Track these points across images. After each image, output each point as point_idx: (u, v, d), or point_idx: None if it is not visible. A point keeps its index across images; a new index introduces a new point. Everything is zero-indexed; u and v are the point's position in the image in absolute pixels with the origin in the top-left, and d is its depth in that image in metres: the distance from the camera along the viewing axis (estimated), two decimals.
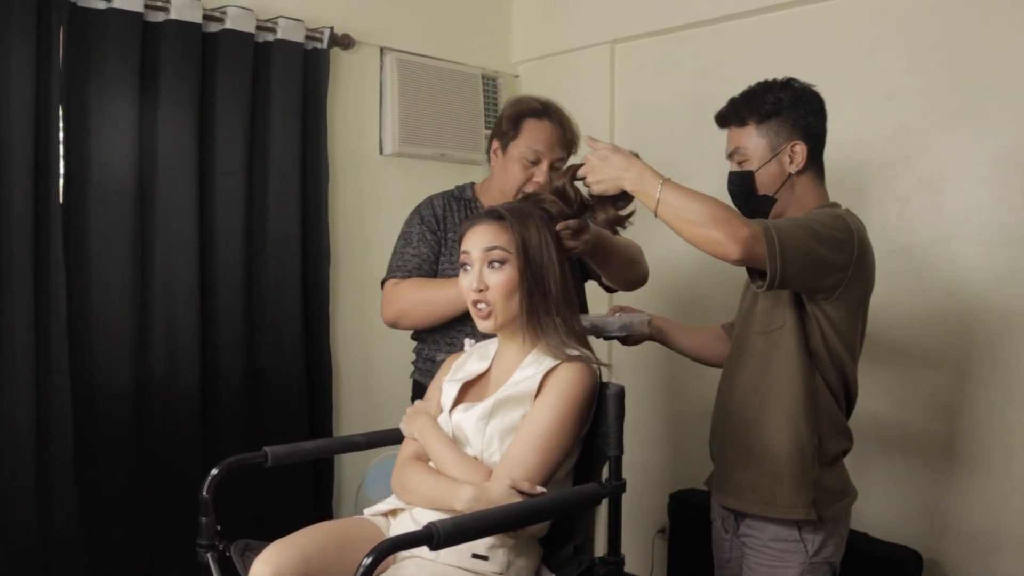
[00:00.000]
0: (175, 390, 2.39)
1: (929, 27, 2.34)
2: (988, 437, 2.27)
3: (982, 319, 2.27)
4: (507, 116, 2.05)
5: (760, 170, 1.75)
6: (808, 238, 1.60)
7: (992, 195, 2.26)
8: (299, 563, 1.40)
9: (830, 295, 1.67)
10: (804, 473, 1.69)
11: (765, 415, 1.73)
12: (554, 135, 2.02)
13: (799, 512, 1.69)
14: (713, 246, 1.57)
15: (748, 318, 1.81)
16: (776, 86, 1.77)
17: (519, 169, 2.00)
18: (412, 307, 2.02)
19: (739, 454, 1.78)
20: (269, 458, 1.71)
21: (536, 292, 1.58)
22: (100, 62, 2.24)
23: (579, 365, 1.56)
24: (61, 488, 2.18)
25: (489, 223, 1.61)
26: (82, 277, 2.26)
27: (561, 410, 1.52)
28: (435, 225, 2.07)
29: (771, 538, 1.73)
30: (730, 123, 1.80)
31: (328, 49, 2.70)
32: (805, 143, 1.74)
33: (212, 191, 2.46)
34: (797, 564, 1.71)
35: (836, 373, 1.73)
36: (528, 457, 1.49)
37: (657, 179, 1.61)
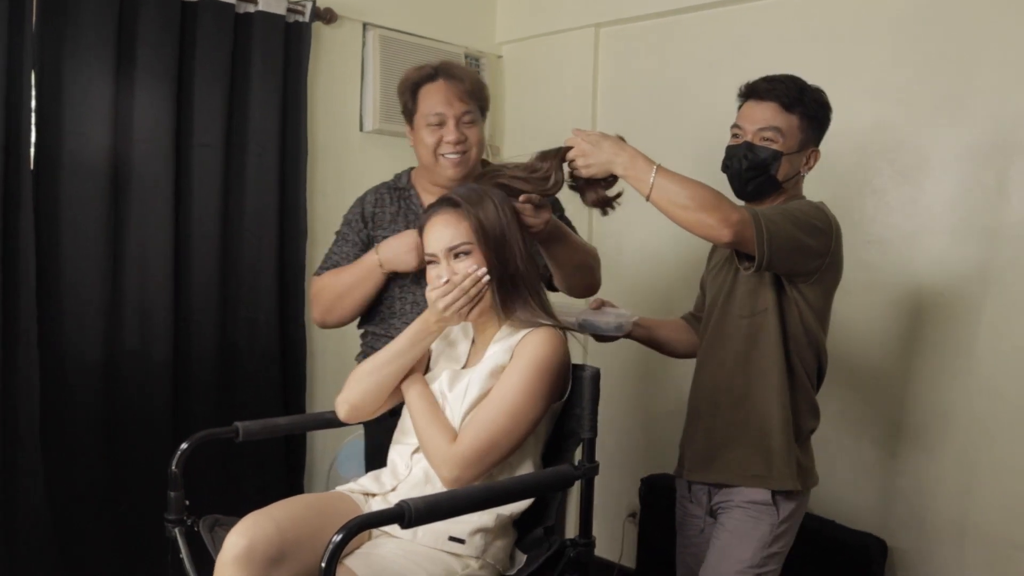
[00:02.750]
0: (147, 364, 2.37)
1: (911, 20, 2.35)
2: (957, 428, 2.30)
3: (954, 310, 2.29)
4: (403, 92, 1.99)
5: (787, 156, 1.80)
6: (792, 225, 1.68)
7: (962, 188, 2.29)
8: (274, 535, 1.40)
9: (809, 279, 1.76)
10: (790, 447, 1.79)
11: (754, 393, 1.81)
12: (450, 91, 1.94)
13: (789, 483, 1.78)
14: (706, 230, 1.64)
15: (727, 304, 1.86)
16: (816, 89, 1.84)
17: (428, 135, 1.94)
18: (334, 298, 1.98)
19: (729, 432, 1.84)
20: (240, 433, 1.71)
21: (503, 274, 1.59)
22: (75, 29, 2.19)
23: (546, 331, 1.57)
24: (27, 461, 2.15)
25: (445, 214, 1.60)
26: (53, 247, 2.22)
27: (528, 376, 1.52)
28: (361, 225, 2.02)
29: (746, 499, 1.81)
30: (774, 100, 1.80)
31: (310, 23, 2.66)
32: (819, 151, 1.86)
33: (188, 164, 2.42)
34: (768, 525, 1.80)
35: (811, 351, 1.82)
36: (495, 421, 1.50)
37: (650, 165, 1.66)
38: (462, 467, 1.48)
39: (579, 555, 1.58)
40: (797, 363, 1.80)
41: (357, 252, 1.99)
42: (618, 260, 2.99)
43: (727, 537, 1.83)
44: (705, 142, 2.27)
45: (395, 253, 1.88)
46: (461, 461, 1.48)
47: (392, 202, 2.04)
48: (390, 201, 2.04)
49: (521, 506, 1.58)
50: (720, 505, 1.87)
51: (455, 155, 1.92)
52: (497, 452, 1.50)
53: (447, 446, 1.51)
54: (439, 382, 1.64)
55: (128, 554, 2.34)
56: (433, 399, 1.60)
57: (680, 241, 2.61)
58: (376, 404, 1.66)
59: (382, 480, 1.64)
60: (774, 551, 1.82)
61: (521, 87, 3.32)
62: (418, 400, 1.60)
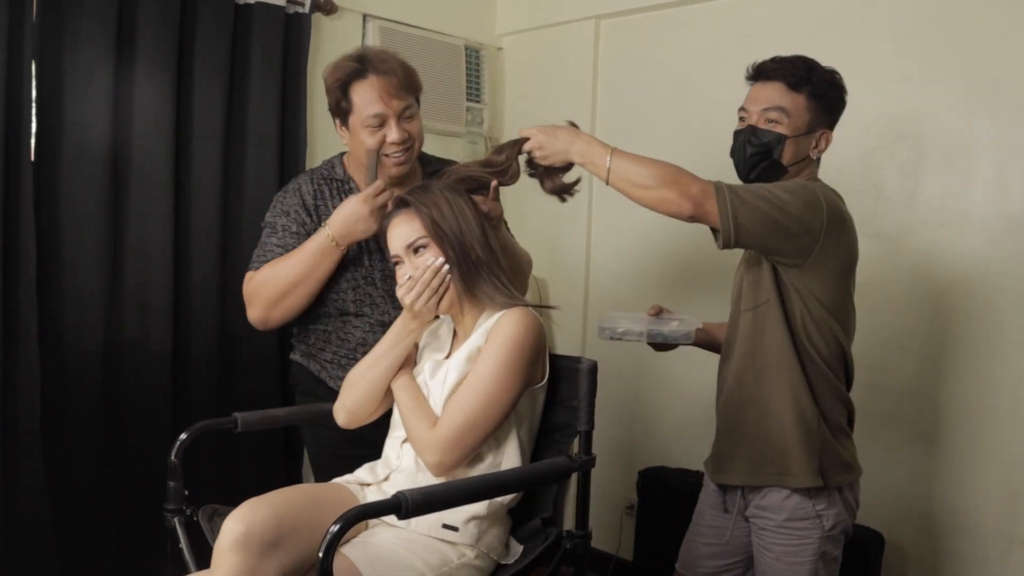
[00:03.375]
0: (146, 355, 2.37)
1: (915, 13, 2.34)
2: (954, 422, 2.31)
3: (952, 305, 2.30)
4: (332, 90, 1.87)
5: (792, 139, 1.73)
6: (764, 202, 1.61)
7: (967, 183, 2.29)
8: (271, 522, 1.41)
9: (800, 261, 1.67)
10: (810, 442, 1.71)
11: (764, 389, 1.74)
12: (386, 87, 1.84)
13: (808, 479, 1.70)
14: (666, 205, 1.62)
15: (738, 298, 1.82)
16: (829, 69, 1.76)
17: (369, 137, 1.84)
18: (282, 289, 1.85)
19: (742, 431, 1.79)
20: (239, 423, 1.72)
21: (464, 263, 1.60)
22: (75, 20, 2.19)
23: (518, 310, 1.58)
24: (27, 451, 2.16)
25: (399, 216, 1.63)
26: (53, 239, 2.22)
27: (501, 356, 1.53)
28: (305, 217, 1.92)
29: (787, 518, 1.74)
30: (780, 80, 1.74)
31: (310, 14, 2.66)
32: (831, 133, 1.78)
33: (188, 154, 2.43)
34: (815, 539, 1.73)
35: (829, 342, 1.73)
36: (471, 403, 1.51)
37: (605, 150, 1.66)
38: (443, 451, 1.50)
39: (575, 547, 1.59)
40: (812, 355, 1.72)
41: (297, 241, 1.89)
42: (616, 246, 2.99)
43: (778, 565, 1.75)
44: (706, 134, 2.27)
45: (346, 224, 1.81)
46: (442, 445, 1.50)
47: (333, 195, 1.95)
48: (331, 194, 1.95)
49: (515, 495, 1.59)
50: (758, 520, 1.78)
51: (400, 154, 1.86)
52: (476, 433, 1.51)
53: (428, 432, 1.53)
54: (423, 374, 1.65)
55: (127, 544, 2.35)
56: (416, 389, 1.62)
57: (678, 230, 2.61)
58: (371, 407, 1.68)
59: (376, 471, 1.66)
60: (830, 557, 1.76)
61: (521, 79, 3.32)
62: (402, 392, 1.62)
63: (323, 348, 1.97)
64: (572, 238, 3.12)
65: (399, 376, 1.65)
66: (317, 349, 1.98)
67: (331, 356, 1.96)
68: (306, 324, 1.98)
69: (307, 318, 1.95)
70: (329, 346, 1.96)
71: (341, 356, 1.95)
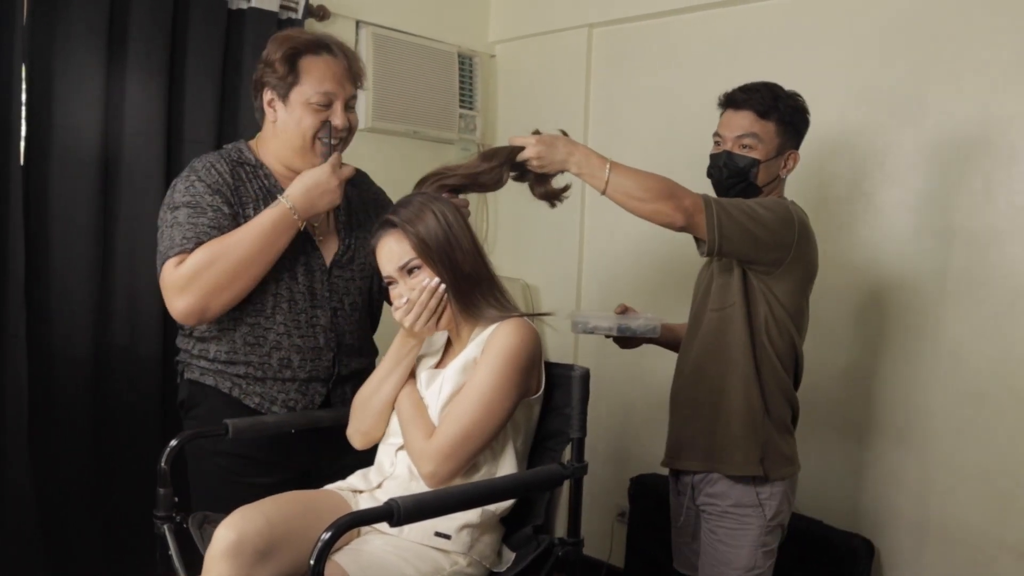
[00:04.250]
0: (136, 360, 2.35)
1: (902, 23, 2.36)
2: (940, 429, 2.32)
3: (935, 311, 2.31)
4: (279, 58, 1.71)
5: (765, 163, 1.88)
6: (745, 216, 1.76)
7: (938, 190, 2.32)
8: (263, 529, 1.40)
9: (773, 270, 1.82)
10: (756, 433, 1.85)
11: (720, 383, 1.88)
12: (343, 69, 1.75)
13: (751, 468, 1.84)
14: (660, 217, 1.74)
15: (703, 298, 1.95)
16: (792, 94, 1.91)
17: (310, 115, 1.72)
18: (230, 271, 1.64)
19: (697, 420, 1.92)
20: (230, 430, 1.70)
21: (457, 278, 1.59)
22: (66, 22, 2.18)
23: (515, 321, 1.58)
24: (15, 456, 2.14)
25: (388, 236, 1.61)
26: (42, 243, 2.20)
27: (497, 367, 1.53)
28: (230, 196, 1.72)
29: (732, 504, 1.87)
30: (750, 109, 1.88)
31: (303, 20, 2.66)
32: (798, 154, 1.93)
33: (180, 159, 2.41)
34: (756, 527, 1.86)
35: (784, 344, 1.87)
36: (467, 414, 1.51)
37: (603, 162, 1.74)
38: (437, 461, 1.49)
39: (567, 554, 1.58)
40: (768, 355, 1.85)
41: (231, 224, 1.69)
42: (608, 254, 3.00)
43: (720, 547, 1.88)
44: (697, 143, 2.26)
45: (310, 195, 1.69)
46: (436, 455, 1.49)
47: (248, 179, 1.77)
48: (246, 177, 1.78)
49: (507, 503, 1.59)
50: (706, 507, 1.92)
51: (336, 142, 1.76)
52: (471, 444, 1.51)
53: (423, 442, 1.52)
54: (419, 383, 1.65)
55: (116, 550, 2.33)
56: (418, 399, 1.61)
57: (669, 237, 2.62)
58: (384, 426, 1.67)
59: (369, 477, 1.65)
60: (768, 548, 1.88)
61: (514, 87, 3.32)
62: (404, 401, 1.62)
63: (233, 360, 1.77)
64: (565, 245, 3.12)
65: (409, 386, 1.65)
66: (225, 363, 1.77)
67: (244, 369, 1.77)
68: (203, 334, 1.78)
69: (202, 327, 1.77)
70: (238, 356, 1.77)
71: (255, 367, 1.77)
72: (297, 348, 1.80)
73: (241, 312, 1.75)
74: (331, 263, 1.85)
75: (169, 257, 1.66)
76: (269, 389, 1.80)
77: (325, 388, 1.85)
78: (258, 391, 1.79)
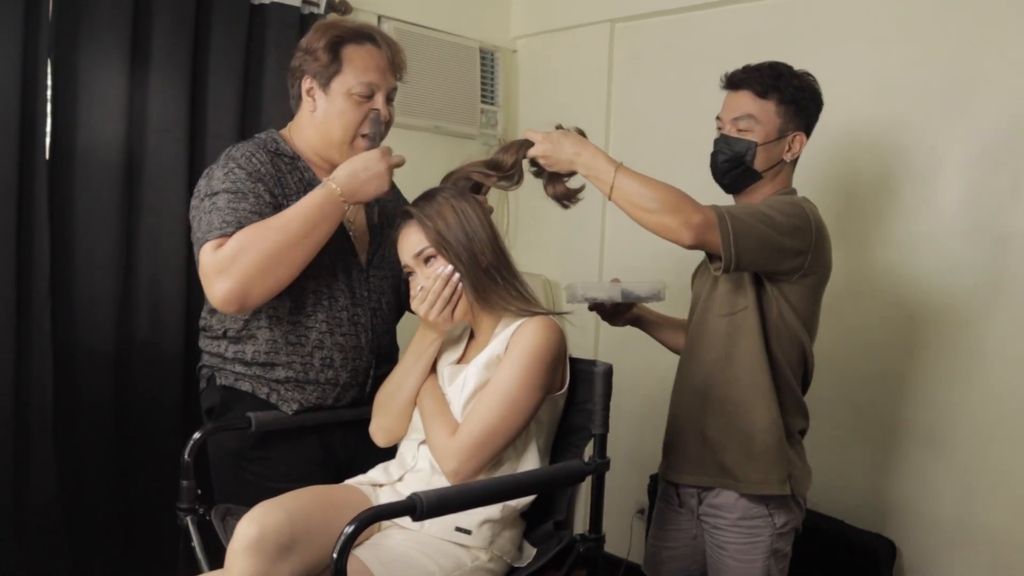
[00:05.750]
0: (159, 355, 2.37)
1: (925, 17, 2.33)
2: (963, 430, 2.29)
3: (961, 313, 2.28)
4: (322, 46, 1.66)
5: (763, 146, 1.77)
6: (762, 224, 1.65)
7: (967, 190, 2.29)
8: (285, 524, 1.40)
9: (791, 277, 1.72)
10: (780, 449, 1.75)
11: (737, 394, 1.77)
12: (384, 60, 1.70)
13: (774, 487, 1.74)
14: (666, 232, 1.62)
15: (708, 302, 1.84)
16: (799, 75, 1.80)
17: (351, 107, 1.67)
18: (273, 255, 1.54)
19: (713, 434, 1.80)
20: (253, 424, 1.70)
21: (474, 270, 1.59)
22: (91, 18, 2.19)
23: (541, 320, 1.58)
24: (39, 451, 2.17)
25: (405, 228, 1.62)
26: (67, 239, 2.22)
27: (523, 365, 1.53)
28: (272, 187, 1.65)
29: (740, 516, 1.78)
30: (748, 88, 1.78)
31: (325, 14, 2.66)
32: (806, 136, 1.80)
33: (202, 155, 2.42)
34: (767, 536, 1.77)
35: (796, 351, 1.78)
36: (492, 412, 1.50)
37: (611, 165, 1.65)
38: (460, 459, 1.49)
39: (588, 550, 1.57)
40: (782, 363, 1.76)
41: (272, 213, 1.60)
42: (629, 249, 2.98)
43: (731, 563, 1.80)
44: None
45: (357, 179, 1.61)
46: (459, 453, 1.49)
47: (287, 171, 1.71)
48: (285, 169, 1.71)
49: (528, 498, 1.59)
50: (709, 519, 1.83)
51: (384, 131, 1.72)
52: (495, 443, 1.50)
53: (447, 439, 1.52)
54: (441, 378, 1.65)
55: (140, 542, 2.36)
56: (440, 395, 1.61)
57: None
58: (407, 422, 1.67)
59: (390, 471, 1.65)
60: (781, 553, 1.81)
61: (535, 82, 3.32)
62: (426, 396, 1.63)
63: (273, 362, 1.71)
64: (585, 240, 3.11)
65: (430, 382, 1.65)
66: (264, 365, 1.71)
67: (284, 372, 1.71)
68: (239, 334, 1.72)
69: (239, 324, 1.71)
70: (279, 357, 1.70)
71: (296, 368, 1.72)
72: (340, 347, 1.75)
73: (280, 309, 1.69)
74: (367, 262, 1.83)
75: (208, 240, 1.57)
76: (308, 395, 1.75)
77: (361, 393, 1.81)
78: (296, 397, 1.74)
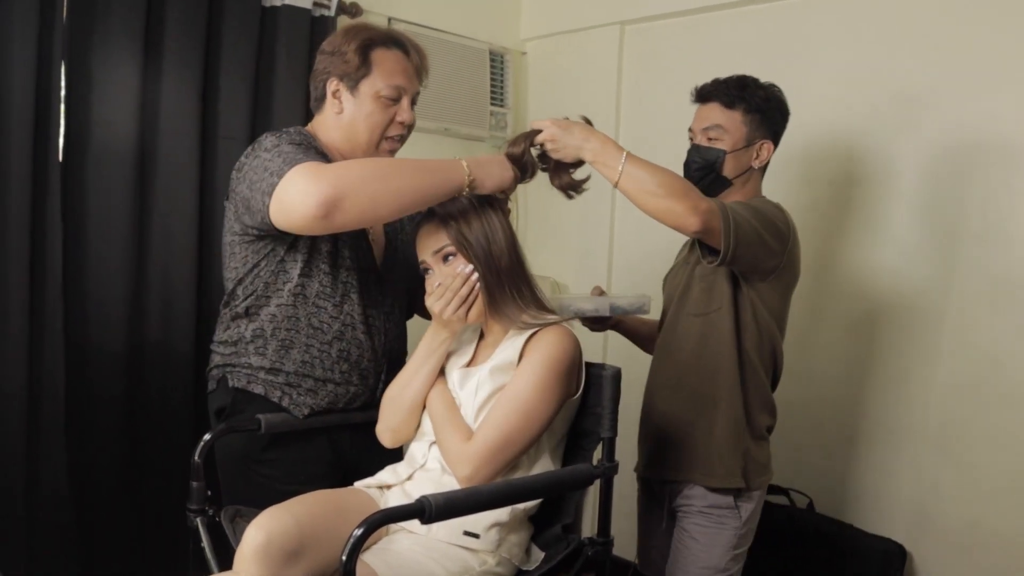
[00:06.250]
0: (170, 355, 2.38)
1: (937, 20, 2.32)
2: (975, 434, 2.28)
3: (970, 314, 2.27)
4: (352, 48, 1.68)
5: (732, 153, 1.86)
6: (756, 221, 1.72)
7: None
8: (292, 530, 1.41)
9: (766, 277, 1.81)
10: (738, 444, 1.83)
11: (705, 391, 1.85)
12: (411, 65, 1.74)
13: (732, 480, 1.83)
14: (674, 217, 1.65)
15: (681, 303, 1.91)
16: (765, 86, 1.90)
17: (379, 110, 1.70)
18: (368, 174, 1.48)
19: (680, 429, 1.89)
20: (262, 426, 1.71)
21: (491, 273, 1.59)
22: (105, 20, 2.21)
23: (559, 329, 1.58)
24: (51, 450, 2.18)
25: (427, 227, 1.63)
26: (79, 238, 2.24)
27: (540, 374, 1.53)
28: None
29: (708, 504, 1.86)
30: (716, 100, 1.88)
31: (335, 16, 2.67)
32: (773, 144, 1.90)
33: (214, 156, 2.44)
34: (732, 528, 1.86)
35: (767, 350, 1.86)
36: (508, 420, 1.50)
37: (619, 152, 1.68)
38: (475, 465, 1.49)
39: (597, 554, 1.57)
40: (754, 361, 1.83)
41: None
42: (638, 251, 2.98)
43: (693, 544, 1.88)
44: None
45: (485, 168, 1.59)
46: (475, 458, 1.49)
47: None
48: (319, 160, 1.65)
49: (536, 501, 1.59)
50: (681, 508, 1.91)
51: (399, 140, 1.76)
52: (510, 450, 1.51)
53: (461, 444, 1.52)
54: (452, 382, 1.65)
55: (150, 543, 2.37)
56: (451, 400, 1.61)
57: None
58: (414, 423, 1.67)
59: (399, 471, 1.65)
60: (738, 552, 1.88)
61: (545, 84, 3.32)
62: (435, 401, 1.62)
63: (289, 346, 1.72)
64: (594, 242, 3.11)
65: (434, 385, 1.65)
66: (280, 351, 1.72)
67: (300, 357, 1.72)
68: (259, 305, 1.72)
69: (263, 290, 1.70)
70: (298, 338, 1.71)
71: (314, 353, 1.72)
72: (358, 343, 1.77)
73: (308, 288, 1.70)
74: (382, 266, 1.84)
75: (287, 170, 1.49)
76: (320, 400, 1.76)
77: (372, 397, 1.82)
78: (308, 402, 1.75)
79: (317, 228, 1.48)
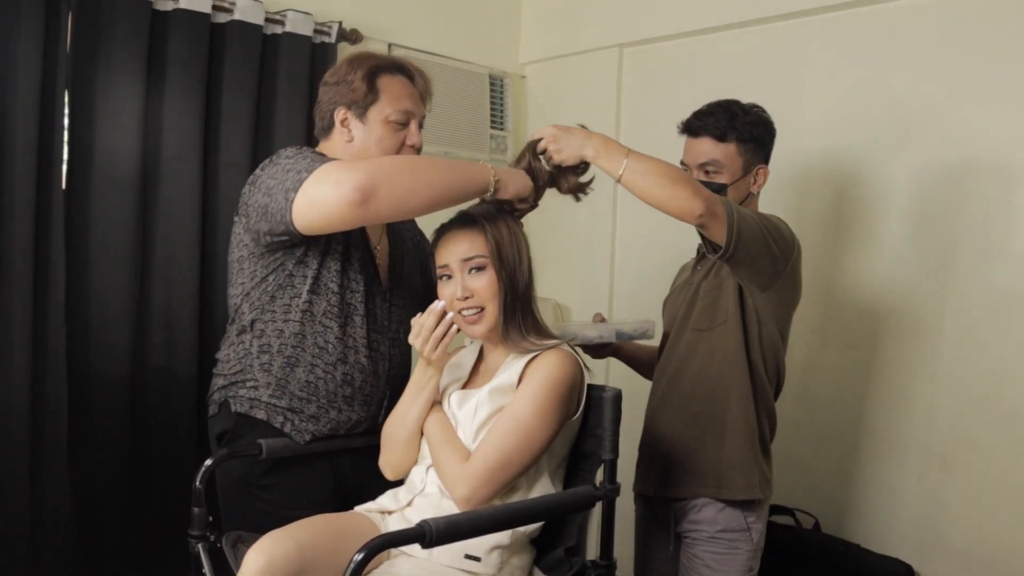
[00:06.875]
0: (172, 380, 2.38)
1: (937, 41, 2.33)
2: (981, 452, 2.26)
3: (971, 334, 2.26)
4: (359, 77, 1.71)
5: (732, 185, 1.87)
6: (757, 221, 1.74)
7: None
8: (293, 554, 1.40)
9: (768, 285, 1.80)
10: (755, 455, 1.83)
11: (714, 406, 1.84)
12: (416, 90, 1.78)
13: (753, 492, 1.82)
14: (679, 202, 1.65)
15: (685, 319, 1.91)
16: (750, 110, 1.90)
17: (389, 134, 1.73)
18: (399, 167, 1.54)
19: (689, 446, 1.87)
20: (264, 450, 1.71)
21: (510, 293, 1.60)
22: (108, 48, 2.24)
23: (560, 352, 1.58)
24: (54, 476, 2.18)
25: (463, 230, 1.62)
26: (82, 265, 2.25)
27: (540, 396, 1.53)
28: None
29: (720, 529, 1.83)
30: (707, 134, 1.88)
31: (336, 43, 2.69)
32: (767, 167, 1.91)
33: (216, 183, 2.46)
34: (745, 552, 1.84)
35: (773, 363, 1.86)
36: (506, 441, 1.50)
37: (620, 147, 1.71)
38: (473, 486, 1.49)
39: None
40: (760, 372, 1.84)
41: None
42: (640, 273, 2.98)
43: (707, 572, 1.85)
44: None
45: (510, 173, 1.66)
46: (472, 480, 1.49)
47: None
48: None
49: (538, 524, 1.58)
50: (690, 533, 1.88)
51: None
52: (509, 471, 1.50)
53: (459, 465, 1.52)
54: (448, 402, 1.65)
55: (152, 567, 2.36)
56: (447, 422, 1.61)
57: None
58: (412, 456, 1.67)
59: (399, 497, 1.65)
60: (752, 573, 1.87)
61: (545, 108, 3.34)
62: (432, 424, 1.62)
63: (295, 363, 1.71)
64: (596, 264, 3.12)
65: (436, 412, 1.64)
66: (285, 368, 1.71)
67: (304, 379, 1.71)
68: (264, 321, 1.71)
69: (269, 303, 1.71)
70: (304, 356, 1.71)
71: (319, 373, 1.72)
72: (360, 368, 1.76)
73: (315, 306, 1.70)
74: (388, 290, 1.84)
75: (316, 167, 1.53)
76: (322, 426, 1.75)
77: (374, 424, 1.81)
78: (310, 428, 1.74)
79: (351, 216, 1.50)
